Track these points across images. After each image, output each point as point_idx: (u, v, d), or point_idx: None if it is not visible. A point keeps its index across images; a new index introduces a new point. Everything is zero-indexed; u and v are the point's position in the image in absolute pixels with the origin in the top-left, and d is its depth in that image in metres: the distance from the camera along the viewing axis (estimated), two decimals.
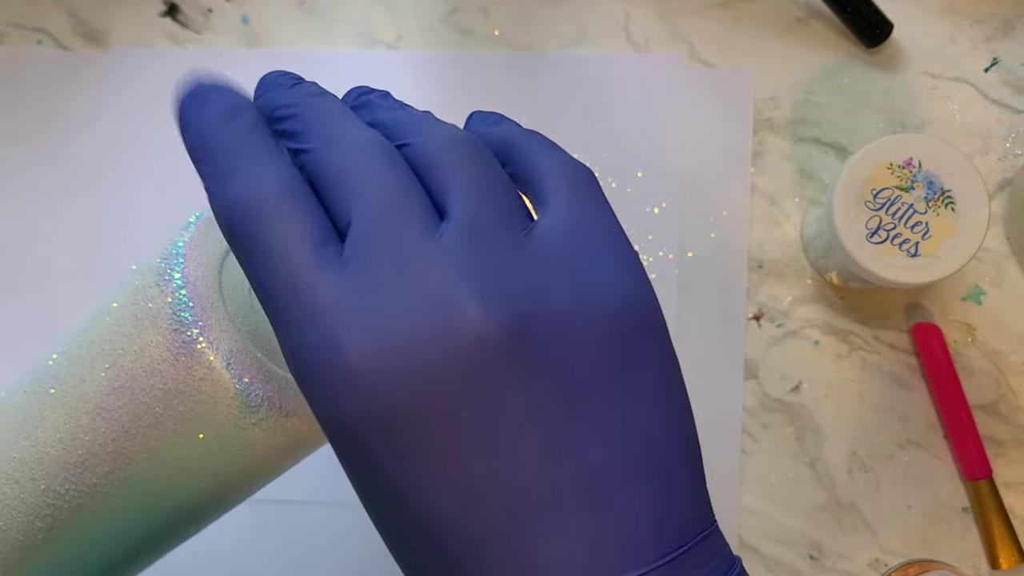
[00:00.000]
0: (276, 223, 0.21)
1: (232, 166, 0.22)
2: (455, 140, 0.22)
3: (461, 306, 0.19)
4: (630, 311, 0.21)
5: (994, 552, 0.46)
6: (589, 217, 0.22)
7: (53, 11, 0.50)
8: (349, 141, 0.22)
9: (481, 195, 0.21)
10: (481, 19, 0.49)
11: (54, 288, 0.48)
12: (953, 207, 0.41)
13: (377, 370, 0.19)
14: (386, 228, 0.21)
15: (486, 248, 0.20)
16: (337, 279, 0.20)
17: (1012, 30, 0.49)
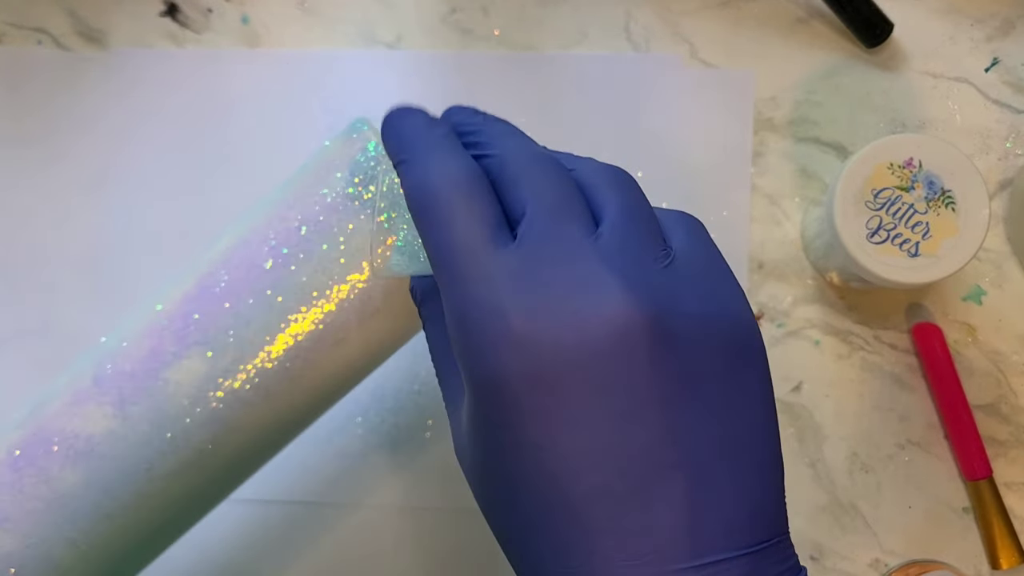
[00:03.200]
0: (461, 202, 0.25)
1: (428, 156, 0.26)
2: (612, 171, 0.27)
3: (612, 293, 0.23)
4: (743, 332, 0.25)
5: (994, 552, 0.46)
6: (708, 253, 0.26)
7: (53, 11, 0.50)
8: (527, 151, 0.26)
9: (632, 213, 0.25)
10: (481, 19, 0.49)
11: (55, 289, 0.48)
12: (953, 207, 0.41)
13: (534, 335, 0.23)
14: (555, 222, 0.24)
15: (634, 252, 0.24)
16: (508, 256, 0.24)
17: (1013, 30, 0.49)
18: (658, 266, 0.24)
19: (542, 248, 0.24)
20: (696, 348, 0.23)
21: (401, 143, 0.27)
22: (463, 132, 0.27)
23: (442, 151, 0.26)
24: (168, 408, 0.33)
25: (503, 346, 0.23)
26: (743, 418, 0.24)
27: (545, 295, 0.23)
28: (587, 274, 0.23)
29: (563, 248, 0.24)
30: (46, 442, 0.33)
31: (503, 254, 0.24)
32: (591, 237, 0.24)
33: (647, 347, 0.23)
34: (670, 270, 0.24)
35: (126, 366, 0.33)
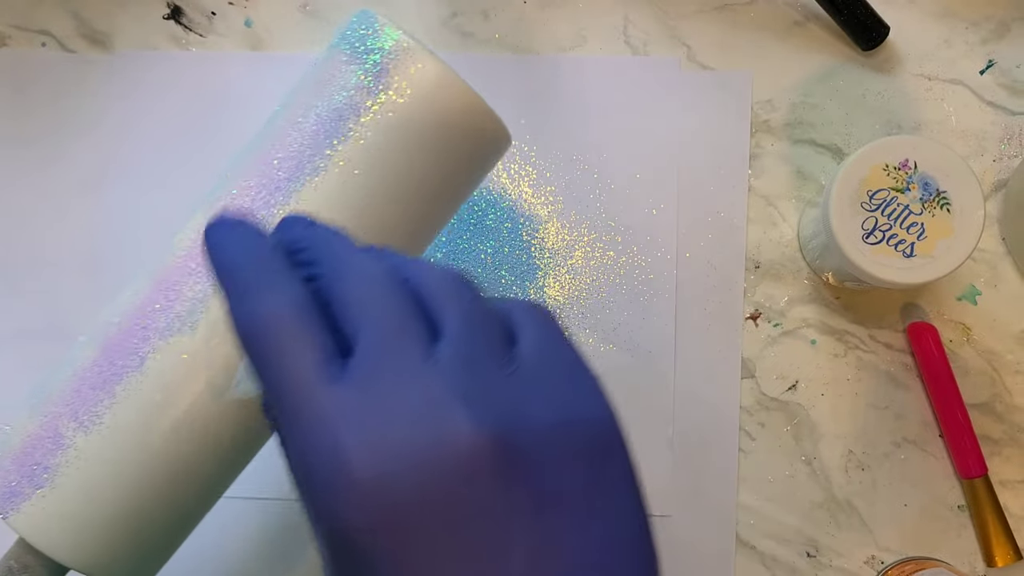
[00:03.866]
0: (289, 338, 0.23)
1: (252, 285, 0.24)
2: (449, 275, 0.25)
3: (454, 420, 0.21)
4: (600, 432, 0.24)
5: (989, 550, 0.46)
6: (558, 348, 0.25)
7: (57, 13, 0.50)
8: (359, 269, 0.24)
9: (472, 322, 0.24)
10: (482, 23, 0.50)
11: (58, 290, 0.48)
12: (949, 208, 0.41)
13: (375, 478, 0.21)
14: (389, 348, 0.23)
15: (476, 369, 0.23)
16: (342, 392, 0.22)
17: (1008, 32, 0.49)
18: (502, 376, 0.23)
19: (378, 377, 0.22)
20: (550, 461, 0.22)
21: (222, 268, 0.25)
22: (293, 250, 0.26)
23: (267, 280, 0.24)
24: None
25: (344, 494, 0.21)
26: (610, 522, 0.23)
27: (384, 431, 0.22)
28: (426, 401, 0.22)
29: (400, 375, 0.22)
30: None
31: (337, 390, 0.22)
32: (428, 358, 0.23)
33: (496, 474, 0.21)
34: (516, 378, 0.23)
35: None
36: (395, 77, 0.33)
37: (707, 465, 0.47)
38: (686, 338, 0.47)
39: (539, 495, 0.22)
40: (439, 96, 0.33)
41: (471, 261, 0.48)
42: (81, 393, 0.33)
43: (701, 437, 0.47)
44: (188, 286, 0.34)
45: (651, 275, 0.48)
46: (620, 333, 0.47)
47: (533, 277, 0.48)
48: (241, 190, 0.35)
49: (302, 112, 0.35)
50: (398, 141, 0.33)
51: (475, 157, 0.36)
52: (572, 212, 0.48)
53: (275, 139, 0.35)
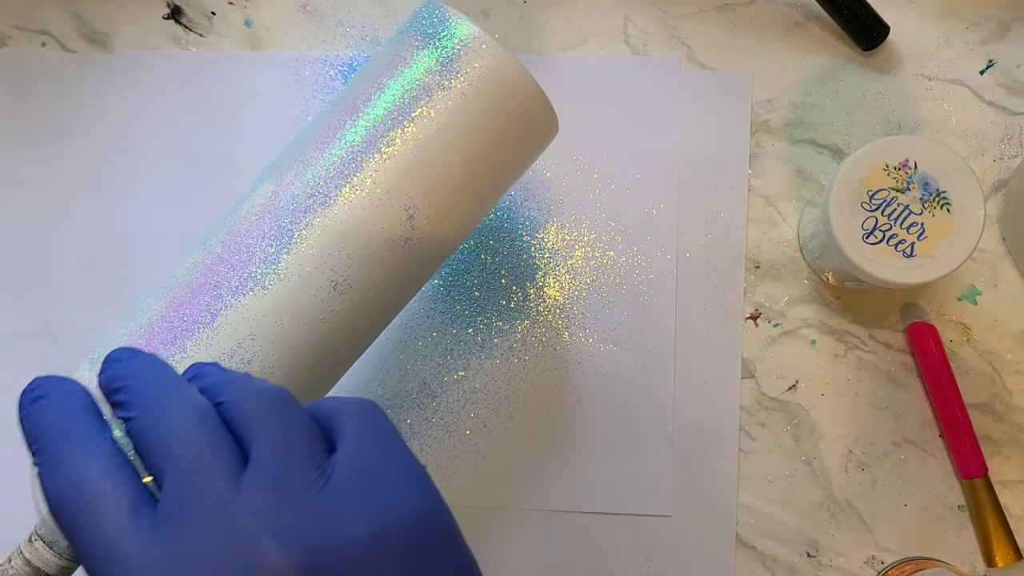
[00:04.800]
0: (94, 502, 0.23)
1: (56, 455, 0.24)
2: (263, 394, 0.25)
3: (260, 553, 0.22)
4: (424, 527, 0.24)
5: (990, 550, 0.46)
6: (377, 447, 0.25)
7: (57, 14, 0.50)
8: (168, 406, 0.25)
9: (279, 443, 0.24)
10: (482, 22, 0.50)
11: (58, 290, 0.48)
12: (949, 208, 0.41)
13: None
14: (194, 485, 0.23)
15: (282, 492, 0.23)
16: (150, 543, 0.23)
17: (1007, 32, 0.49)
18: (312, 495, 0.23)
19: (183, 520, 0.23)
20: (370, 568, 0.23)
21: (34, 438, 0.25)
22: (110, 390, 0.26)
23: (72, 446, 0.25)
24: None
25: None
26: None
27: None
28: (232, 539, 0.22)
29: (205, 512, 0.23)
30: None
31: (143, 545, 0.23)
32: (235, 490, 0.23)
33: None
34: (327, 493, 0.23)
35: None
36: (467, 64, 0.35)
37: (707, 465, 0.47)
38: (686, 338, 0.47)
39: None
40: (505, 84, 0.36)
41: (471, 262, 0.48)
42: (151, 347, 0.34)
43: (701, 437, 0.47)
44: (261, 248, 0.35)
45: (651, 275, 0.48)
46: (620, 333, 0.47)
47: (533, 277, 0.48)
48: (307, 160, 0.36)
49: (375, 91, 0.36)
50: (466, 122, 0.36)
51: (530, 142, 0.38)
52: (572, 212, 0.48)
53: (345, 114, 0.36)
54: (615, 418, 0.47)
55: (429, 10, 0.37)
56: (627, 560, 0.46)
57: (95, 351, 0.36)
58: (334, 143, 0.36)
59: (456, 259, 0.48)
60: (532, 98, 0.37)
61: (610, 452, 0.47)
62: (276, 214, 0.35)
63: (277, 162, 0.38)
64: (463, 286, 0.47)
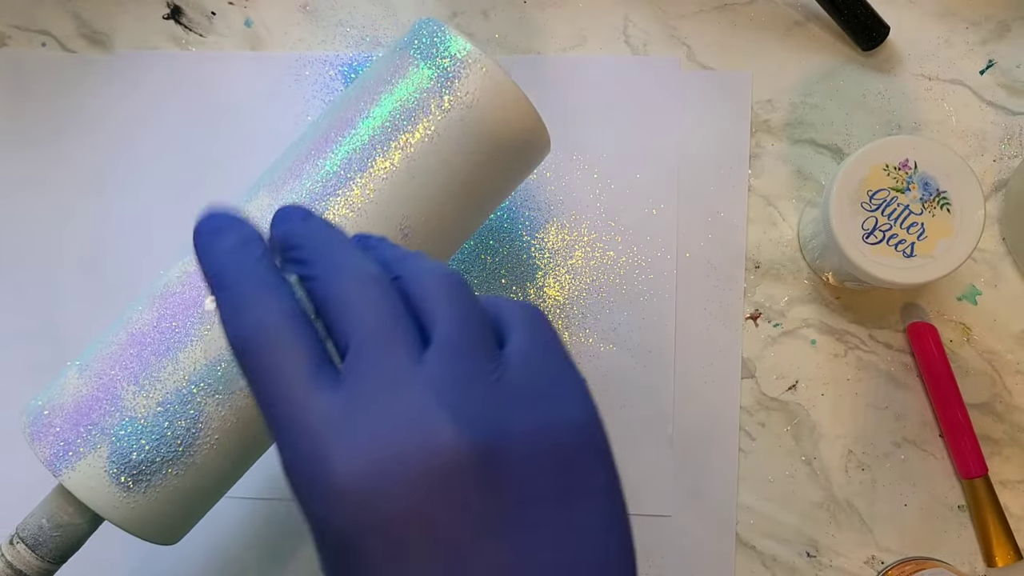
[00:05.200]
0: (279, 349, 0.24)
1: (242, 296, 0.25)
2: (441, 275, 0.25)
3: (438, 429, 0.22)
4: (583, 436, 0.24)
5: (990, 550, 0.46)
6: (546, 350, 0.25)
7: (57, 14, 0.50)
8: (350, 272, 0.25)
9: (462, 326, 0.24)
10: (482, 23, 0.50)
11: (58, 290, 0.48)
12: (949, 208, 0.41)
13: (360, 486, 0.22)
14: (378, 355, 0.23)
15: (462, 374, 0.23)
16: (330, 400, 0.23)
17: (1007, 32, 0.49)
18: (487, 384, 0.24)
19: (365, 384, 0.23)
20: (530, 468, 0.23)
21: (214, 274, 0.25)
22: (287, 247, 0.26)
23: (257, 289, 0.25)
24: None
25: (329, 498, 0.22)
26: (588, 526, 0.24)
27: (369, 438, 0.22)
28: (412, 409, 0.23)
29: (387, 381, 0.23)
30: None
31: (325, 398, 0.23)
32: (416, 364, 0.23)
33: (476, 482, 0.22)
34: (501, 384, 0.24)
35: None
36: (463, 83, 0.36)
37: (707, 465, 0.47)
38: (686, 338, 0.47)
39: (518, 501, 0.22)
40: (500, 104, 0.36)
41: (471, 262, 0.48)
42: (142, 357, 0.34)
43: (701, 437, 0.47)
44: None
45: (651, 275, 0.48)
46: (620, 333, 0.47)
47: (533, 277, 0.48)
48: (302, 172, 0.36)
49: (371, 104, 0.36)
50: (460, 140, 0.36)
51: (524, 161, 0.38)
52: (572, 212, 0.48)
53: (340, 127, 0.36)
54: (615, 418, 0.47)
55: (428, 27, 0.37)
56: None
57: (81, 356, 0.36)
58: (329, 156, 0.36)
59: (456, 260, 0.48)
60: (527, 118, 0.37)
61: None
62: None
63: (271, 171, 0.38)
64: None
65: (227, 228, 0.26)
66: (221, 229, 0.26)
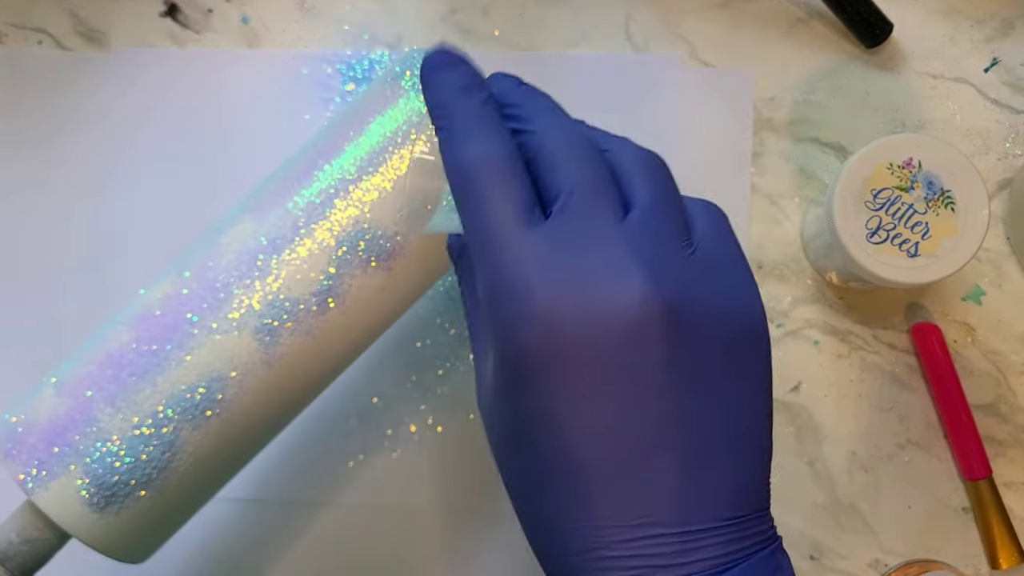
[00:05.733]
0: (497, 183, 0.26)
1: (465, 130, 0.27)
2: (644, 155, 0.28)
3: (633, 280, 0.24)
4: (753, 326, 0.27)
5: (994, 552, 0.46)
6: (728, 246, 0.28)
7: (53, 11, 0.50)
8: (566, 132, 0.27)
9: (661, 201, 0.26)
10: (481, 19, 0.49)
11: (57, 289, 0.48)
12: (953, 207, 0.41)
13: (556, 314, 0.24)
14: (585, 206, 0.25)
15: (659, 242, 0.25)
16: (537, 238, 0.25)
17: (1012, 30, 0.49)
18: (680, 256, 0.26)
19: (571, 231, 0.25)
20: (707, 339, 0.25)
21: (440, 105, 0.27)
22: (504, 104, 0.28)
23: (480, 126, 0.27)
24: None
25: (527, 321, 0.24)
26: (742, 407, 0.26)
27: (570, 277, 0.24)
28: (612, 260, 0.24)
29: (592, 232, 0.25)
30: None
31: (533, 235, 0.25)
32: (620, 223, 0.25)
33: (661, 334, 0.24)
34: (691, 260, 0.26)
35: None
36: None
37: None
38: None
39: (691, 366, 0.25)
40: None
41: None
42: (120, 379, 0.34)
43: None
44: (238, 291, 0.35)
45: None
46: None
47: None
48: (291, 198, 0.36)
49: (358, 132, 0.36)
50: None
51: None
52: None
53: (328, 153, 0.36)
54: None
55: (414, 58, 0.37)
56: None
57: (58, 372, 0.36)
58: (316, 182, 0.36)
59: None
60: None
61: None
62: (253, 255, 0.35)
63: (258, 194, 0.37)
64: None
65: (456, 66, 0.28)
66: (450, 66, 0.28)
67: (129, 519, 0.34)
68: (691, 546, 0.25)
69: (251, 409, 0.35)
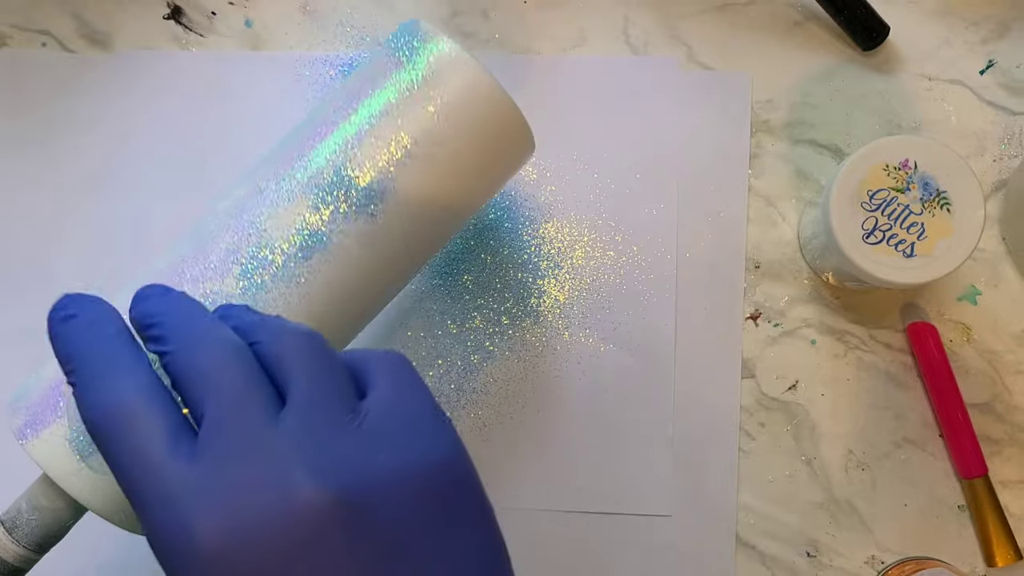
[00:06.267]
0: (134, 423, 0.24)
1: (94, 374, 0.25)
2: (298, 335, 0.26)
3: (297, 484, 0.22)
4: (446, 471, 0.25)
5: (990, 550, 0.46)
6: (408, 395, 0.26)
7: (57, 14, 0.50)
8: (205, 342, 0.25)
9: (316, 383, 0.25)
10: (482, 22, 0.50)
11: (58, 289, 0.48)
12: (949, 208, 0.41)
13: (225, 550, 0.22)
14: (234, 418, 0.24)
15: (319, 429, 0.24)
16: (188, 468, 0.23)
17: (1008, 32, 0.49)
18: (345, 435, 0.24)
19: (223, 449, 0.23)
20: (397, 510, 0.23)
21: (67, 357, 0.26)
22: (144, 325, 0.26)
23: (110, 365, 0.25)
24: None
25: (193, 563, 0.22)
26: (463, 558, 0.24)
27: (229, 505, 0.23)
28: (269, 468, 0.23)
29: (243, 445, 0.23)
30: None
31: (183, 467, 0.23)
32: (271, 423, 0.24)
33: (341, 532, 0.22)
34: (360, 433, 0.24)
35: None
36: (442, 82, 0.36)
37: (707, 465, 0.47)
38: (686, 338, 0.47)
39: (384, 544, 0.23)
40: (481, 102, 0.36)
41: (471, 261, 0.48)
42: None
43: (701, 437, 0.47)
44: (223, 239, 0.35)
45: (651, 275, 0.48)
46: (620, 333, 0.47)
47: (533, 277, 0.48)
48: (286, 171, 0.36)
49: (353, 105, 0.36)
50: (442, 139, 0.36)
51: (507, 159, 0.38)
52: (572, 212, 0.48)
53: (322, 126, 0.36)
54: (615, 418, 0.47)
55: (407, 29, 0.37)
56: (627, 560, 0.46)
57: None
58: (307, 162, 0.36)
59: (456, 259, 0.48)
60: (509, 117, 0.37)
61: (610, 452, 0.47)
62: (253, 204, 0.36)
63: (255, 169, 0.38)
64: (462, 286, 0.47)
65: (78, 310, 0.27)
66: (72, 312, 0.27)
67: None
68: None
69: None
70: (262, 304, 0.34)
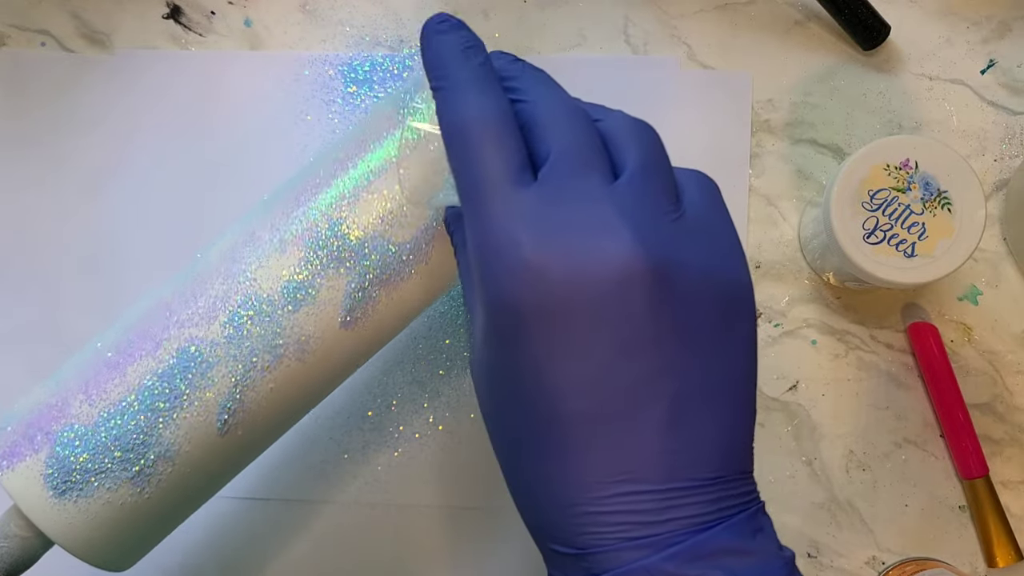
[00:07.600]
0: (491, 141, 0.26)
1: (462, 90, 0.27)
2: (635, 124, 0.28)
3: (621, 239, 0.25)
4: (738, 289, 0.27)
5: (991, 550, 0.46)
6: (717, 212, 0.28)
7: (56, 13, 0.50)
8: (559, 102, 0.28)
9: (650, 168, 0.27)
10: (481, 22, 0.50)
11: (58, 289, 0.48)
12: (950, 208, 0.41)
13: (544, 267, 0.25)
14: (575, 168, 0.26)
15: (647, 206, 0.26)
16: (528, 195, 0.26)
17: (1009, 32, 0.49)
18: (667, 220, 0.26)
19: (560, 190, 0.26)
20: (692, 300, 0.25)
21: (439, 66, 0.28)
22: (502, 76, 0.29)
23: (477, 86, 0.27)
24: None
25: (516, 273, 0.25)
26: (726, 367, 0.26)
27: (558, 232, 0.25)
28: (600, 218, 0.25)
29: (580, 192, 0.26)
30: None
31: (524, 192, 0.26)
32: (608, 185, 0.26)
33: (647, 291, 0.25)
34: (678, 224, 0.26)
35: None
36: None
37: None
38: None
39: (676, 322, 0.25)
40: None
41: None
42: (95, 369, 0.35)
43: None
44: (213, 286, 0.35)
45: None
46: None
47: None
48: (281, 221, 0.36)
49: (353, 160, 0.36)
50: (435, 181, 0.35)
51: None
52: None
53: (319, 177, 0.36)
54: None
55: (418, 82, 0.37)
56: None
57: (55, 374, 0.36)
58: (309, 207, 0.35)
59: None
60: None
61: None
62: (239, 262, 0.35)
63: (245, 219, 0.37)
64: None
65: (456, 30, 0.29)
66: (451, 29, 0.29)
67: (92, 511, 0.33)
68: (673, 504, 0.25)
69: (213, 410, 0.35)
70: (247, 353, 0.34)
